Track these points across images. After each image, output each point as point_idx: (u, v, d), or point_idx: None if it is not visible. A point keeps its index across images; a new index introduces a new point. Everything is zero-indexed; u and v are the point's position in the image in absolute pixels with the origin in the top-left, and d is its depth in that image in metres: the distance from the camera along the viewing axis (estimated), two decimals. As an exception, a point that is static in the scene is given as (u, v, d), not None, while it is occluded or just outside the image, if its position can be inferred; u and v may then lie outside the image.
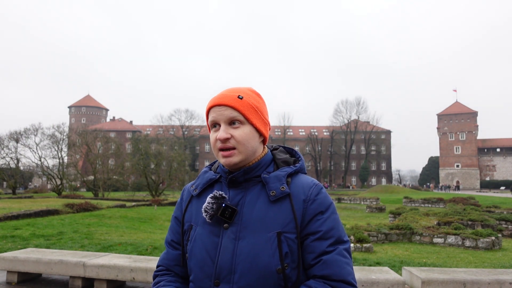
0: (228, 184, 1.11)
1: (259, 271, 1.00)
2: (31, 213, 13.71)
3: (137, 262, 4.89)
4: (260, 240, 1.02)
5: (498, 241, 10.24)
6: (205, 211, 1.06)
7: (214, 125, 1.10)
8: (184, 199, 1.20)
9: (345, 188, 76.70)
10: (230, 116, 1.06)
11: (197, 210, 1.13)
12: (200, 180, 1.18)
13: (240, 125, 1.07)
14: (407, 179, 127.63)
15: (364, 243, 9.41)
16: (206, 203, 1.07)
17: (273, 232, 1.02)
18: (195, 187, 1.18)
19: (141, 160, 38.30)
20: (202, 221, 1.10)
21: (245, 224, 1.04)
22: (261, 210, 1.05)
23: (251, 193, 1.09)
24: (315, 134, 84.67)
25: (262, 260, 1.00)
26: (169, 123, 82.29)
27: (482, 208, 19.37)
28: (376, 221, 16.27)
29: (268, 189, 1.07)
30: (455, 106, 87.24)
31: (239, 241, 1.03)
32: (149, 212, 18.18)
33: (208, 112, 1.12)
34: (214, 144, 1.10)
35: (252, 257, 1.01)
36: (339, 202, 35.42)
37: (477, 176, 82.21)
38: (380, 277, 4.29)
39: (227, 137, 1.06)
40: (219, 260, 1.03)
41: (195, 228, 1.11)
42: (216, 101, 1.09)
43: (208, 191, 1.14)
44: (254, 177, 1.10)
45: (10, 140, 40.08)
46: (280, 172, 1.10)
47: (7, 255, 5.28)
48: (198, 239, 1.08)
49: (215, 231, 1.07)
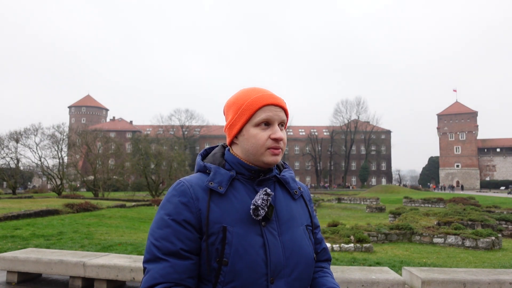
0: (258, 183, 1.12)
1: (306, 261, 1.09)
2: (31, 213, 13.70)
3: (137, 262, 4.88)
4: (299, 233, 1.11)
5: (498, 241, 10.24)
6: (261, 208, 1.02)
7: (265, 123, 1.09)
8: (199, 197, 1.04)
9: (345, 188, 76.66)
10: (283, 119, 1.12)
11: (226, 209, 1.04)
12: (221, 177, 1.08)
13: (283, 129, 1.14)
14: (407, 179, 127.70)
15: (364, 243, 9.41)
16: (261, 200, 1.03)
17: (303, 225, 1.14)
18: (218, 184, 1.06)
19: (141, 160, 38.34)
20: (237, 221, 1.02)
21: (282, 220, 1.10)
22: (289, 206, 1.14)
23: (276, 191, 1.14)
24: (315, 134, 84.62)
25: (306, 251, 1.10)
26: (169, 123, 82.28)
27: (482, 208, 19.38)
28: (376, 221, 16.28)
29: (290, 189, 1.17)
30: (455, 106, 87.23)
31: (282, 236, 1.07)
32: (149, 212, 18.18)
33: (259, 108, 1.09)
34: (263, 142, 1.08)
35: (297, 250, 1.08)
36: (339, 202, 35.40)
37: (477, 176, 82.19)
38: (380, 277, 4.29)
39: (284, 138, 1.11)
40: (271, 258, 1.02)
41: (230, 230, 1.00)
42: (275, 100, 1.10)
43: (228, 189, 1.08)
44: (272, 176, 1.16)
45: (10, 140, 40.07)
46: (290, 174, 1.21)
47: (7, 255, 5.28)
48: (242, 240, 1.00)
49: (255, 230, 1.03)
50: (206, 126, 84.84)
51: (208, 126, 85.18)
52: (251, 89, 1.14)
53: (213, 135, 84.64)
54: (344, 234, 9.87)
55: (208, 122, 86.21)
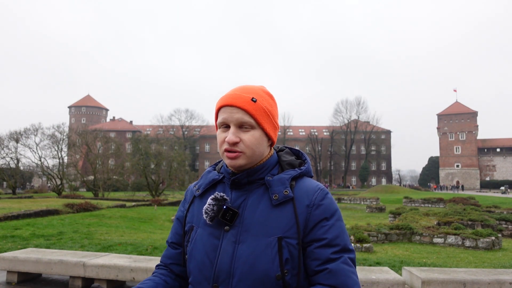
0: (231, 186, 1.08)
1: (257, 277, 0.96)
2: (31, 213, 13.70)
3: (137, 262, 4.88)
4: (260, 244, 0.98)
5: (498, 241, 10.24)
6: (206, 213, 1.03)
7: (225, 126, 1.05)
8: (187, 199, 1.18)
9: (345, 188, 76.63)
10: (241, 120, 1.02)
11: (199, 211, 1.10)
12: (203, 180, 1.15)
13: (250, 129, 1.03)
14: (407, 179, 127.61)
15: (364, 243, 9.41)
16: (207, 204, 1.04)
17: (274, 237, 0.98)
18: (197, 187, 1.15)
19: (141, 160, 38.33)
20: (203, 223, 1.08)
21: (246, 228, 1.01)
22: (263, 213, 1.02)
23: (253, 195, 1.05)
24: (315, 134, 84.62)
25: (261, 266, 0.96)
26: (169, 123, 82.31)
27: (482, 208, 19.38)
28: (376, 221, 16.27)
29: (271, 193, 1.03)
30: (455, 106, 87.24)
31: (239, 245, 1.00)
32: (149, 212, 18.18)
33: (218, 110, 1.06)
34: (221, 144, 1.06)
35: (251, 262, 0.97)
36: (339, 202, 35.42)
37: (477, 176, 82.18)
38: (380, 277, 4.29)
39: (236, 141, 1.02)
40: (218, 263, 1.00)
41: (195, 230, 1.09)
42: (228, 101, 1.04)
43: (211, 192, 1.10)
44: (257, 179, 1.07)
45: (10, 140, 40.13)
46: (284, 175, 1.06)
47: (7, 255, 5.28)
48: (198, 240, 1.06)
49: (216, 233, 1.04)
50: (206, 126, 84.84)
51: (208, 126, 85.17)
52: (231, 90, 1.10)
53: (213, 135, 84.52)
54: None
55: (208, 122, 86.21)
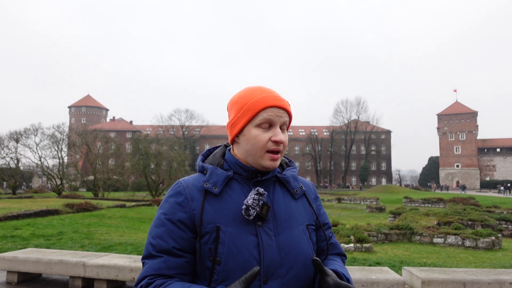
0: (254, 183, 1.10)
1: (303, 262, 1.06)
2: (31, 213, 13.71)
3: (137, 262, 4.88)
4: (297, 233, 1.09)
5: (498, 241, 10.24)
6: (252, 208, 1.02)
7: (264, 125, 1.07)
8: (194, 198, 1.06)
9: (345, 188, 76.62)
10: (285, 121, 1.10)
11: (221, 209, 1.05)
12: (216, 178, 1.09)
13: (285, 131, 1.12)
14: (407, 179, 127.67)
15: (364, 243, 9.41)
16: (252, 199, 1.03)
17: (303, 225, 1.12)
18: (213, 184, 1.07)
19: (141, 160, 38.29)
20: (231, 220, 1.03)
21: (280, 220, 1.08)
22: (288, 206, 1.12)
23: (275, 191, 1.13)
24: (315, 134, 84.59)
25: (304, 251, 1.07)
26: (169, 123, 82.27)
27: (482, 208, 19.36)
28: (376, 221, 16.27)
29: (291, 188, 1.15)
30: (455, 106, 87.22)
31: (278, 237, 1.05)
32: (149, 212, 18.18)
33: (262, 109, 1.07)
34: (263, 144, 1.07)
35: (295, 250, 1.06)
36: (339, 202, 35.38)
37: (477, 176, 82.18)
38: (380, 277, 4.29)
39: (284, 141, 1.09)
40: (265, 258, 1.01)
41: (224, 229, 1.02)
42: (277, 103, 1.08)
43: (224, 189, 1.09)
44: (273, 176, 1.15)
45: (10, 140, 40.02)
46: (292, 173, 1.19)
47: (7, 255, 5.28)
48: (235, 239, 1.01)
49: (249, 230, 1.03)
50: (206, 126, 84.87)
51: (208, 126, 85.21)
52: (256, 88, 1.12)
53: (213, 135, 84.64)
54: (344, 234, 9.87)
55: (208, 122, 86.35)
